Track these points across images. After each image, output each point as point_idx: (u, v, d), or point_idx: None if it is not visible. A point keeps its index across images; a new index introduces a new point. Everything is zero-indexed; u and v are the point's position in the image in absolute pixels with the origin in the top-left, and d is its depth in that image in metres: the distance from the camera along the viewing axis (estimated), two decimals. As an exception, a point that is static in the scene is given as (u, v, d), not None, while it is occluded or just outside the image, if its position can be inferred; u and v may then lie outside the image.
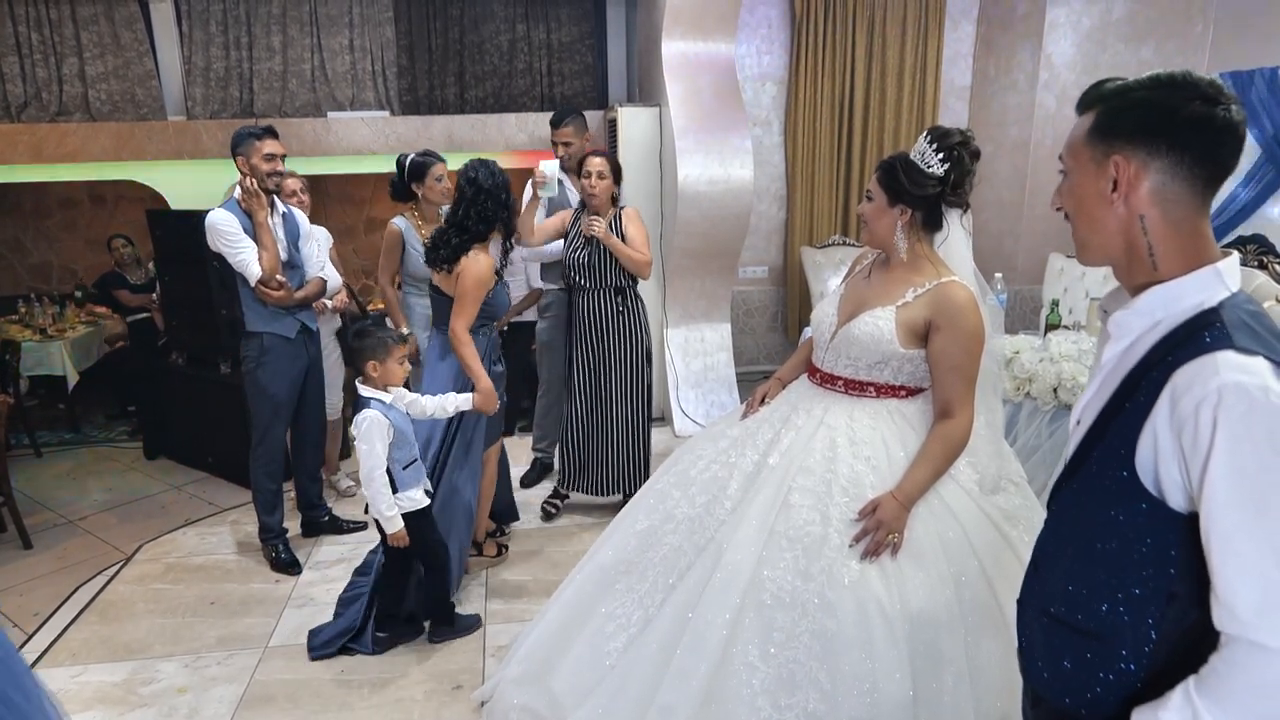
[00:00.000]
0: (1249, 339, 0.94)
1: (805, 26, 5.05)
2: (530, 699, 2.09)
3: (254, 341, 3.19)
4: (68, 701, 2.55)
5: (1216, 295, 1.00)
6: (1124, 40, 4.80)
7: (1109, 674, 1.03)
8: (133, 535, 3.68)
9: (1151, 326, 1.03)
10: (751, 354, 5.56)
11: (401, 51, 5.38)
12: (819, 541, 1.73)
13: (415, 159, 3.46)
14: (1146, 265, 1.04)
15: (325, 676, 2.64)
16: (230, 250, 3.06)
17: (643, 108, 4.68)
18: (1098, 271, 4.30)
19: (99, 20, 4.98)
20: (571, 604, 2.13)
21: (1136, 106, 1.02)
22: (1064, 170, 1.12)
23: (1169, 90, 1.00)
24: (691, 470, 2.04)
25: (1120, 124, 1.03)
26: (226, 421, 4.09)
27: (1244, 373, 0.91)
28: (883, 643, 1.63)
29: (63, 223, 6.71)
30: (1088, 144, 1.06)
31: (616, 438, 3.54)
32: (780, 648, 1.68)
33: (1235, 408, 0.90)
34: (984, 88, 5.34)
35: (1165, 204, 1.01)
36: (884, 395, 1.89)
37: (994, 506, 1.82)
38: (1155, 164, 1.00)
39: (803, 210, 5.33)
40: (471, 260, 2.77)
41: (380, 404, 2.53)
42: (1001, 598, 1.70)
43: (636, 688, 1.82)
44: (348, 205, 6.91)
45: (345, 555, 3.42)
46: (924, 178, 1.81)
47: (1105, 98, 1.06)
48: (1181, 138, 0.99)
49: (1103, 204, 1.05)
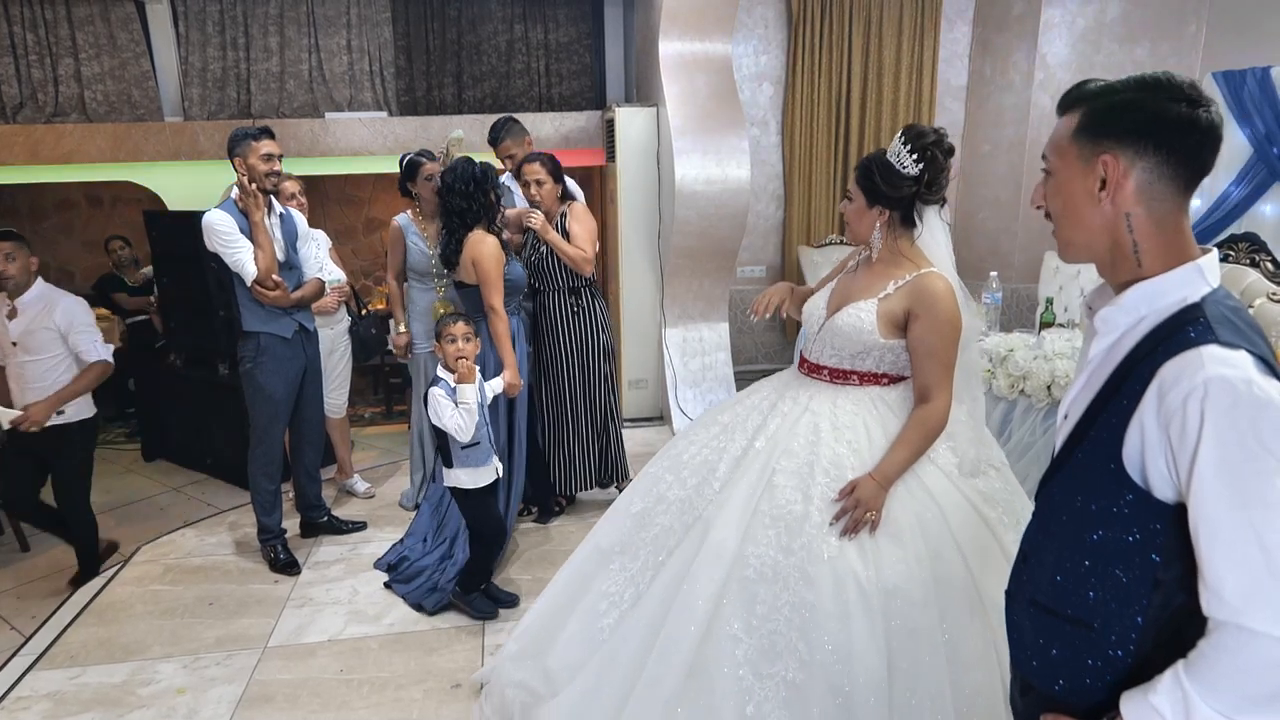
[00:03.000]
0: (1231, 333, 0.97)
1: (802, 26, 5.07)
2: (527, 675, 2.15)
3: (251, 342, 3.19)
4: (66, 703, 2.56)
5: (1199, 291, 1.03)
6: (1118, 41, 4.82)
7: (1097, 661, 1.06)
8: (131, 537, 3.69)
9: (1136, 322, 1.06)
10: (749, 353, 5.57)
11: (399, 52, 5.38)
12: (800, 519, 1.79)
13: (411, 159, 3.57)
14: (1131, 262, 1.07)
15: (324, 676, 2.65)
16: (226, 250, 3.06)
17: (640, 108, 4.69)
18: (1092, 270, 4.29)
19: (95, 21, 4.97)
20: (568, 584, 2.21)
21: (1124, 107, 1.04)
22: (1047, 169, 1.14)
23: (1154, 91, 1.02)
24: (684, 455, 2.11)
25: (1108, 123, 1.05)
26: (225, 423, 4.10)
27: (1228, 366, 0.93)
28: (859, 615, 1.69)
29: (59, 225, 6.70)
30: (1075, 142, 1.08)
31: (587, 435, 3.60)
32: (762, 620, 1.75)
33: (1221, 401, 0.92)
34: (980, 88, 5.36)
35: (1150, 202, 1.04)
36: (866, 383, 1.96)
37: (972, 489, 1.87)
38: (1141, 163, 1.03)
39: (800, 210, 5.35)
40: (476, 243, 3.03)
41: (445, 384, 2.73)
42: (977, 575, 1.76)
43: (626, 660, 1.89)
44: (346, 206, 6.91)
45: (344, 555, 3.43)
46: (899, 179, 1.88)
47: (1090, 98, 1.08)
48: (1167, 138, 1.01)
49: (1089, 202, 1.07)
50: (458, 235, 3.08)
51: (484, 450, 2.78)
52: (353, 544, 3.52)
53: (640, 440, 4.55)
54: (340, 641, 2.83)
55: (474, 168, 3.09)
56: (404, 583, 3.13)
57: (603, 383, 3.59)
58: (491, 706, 2.26)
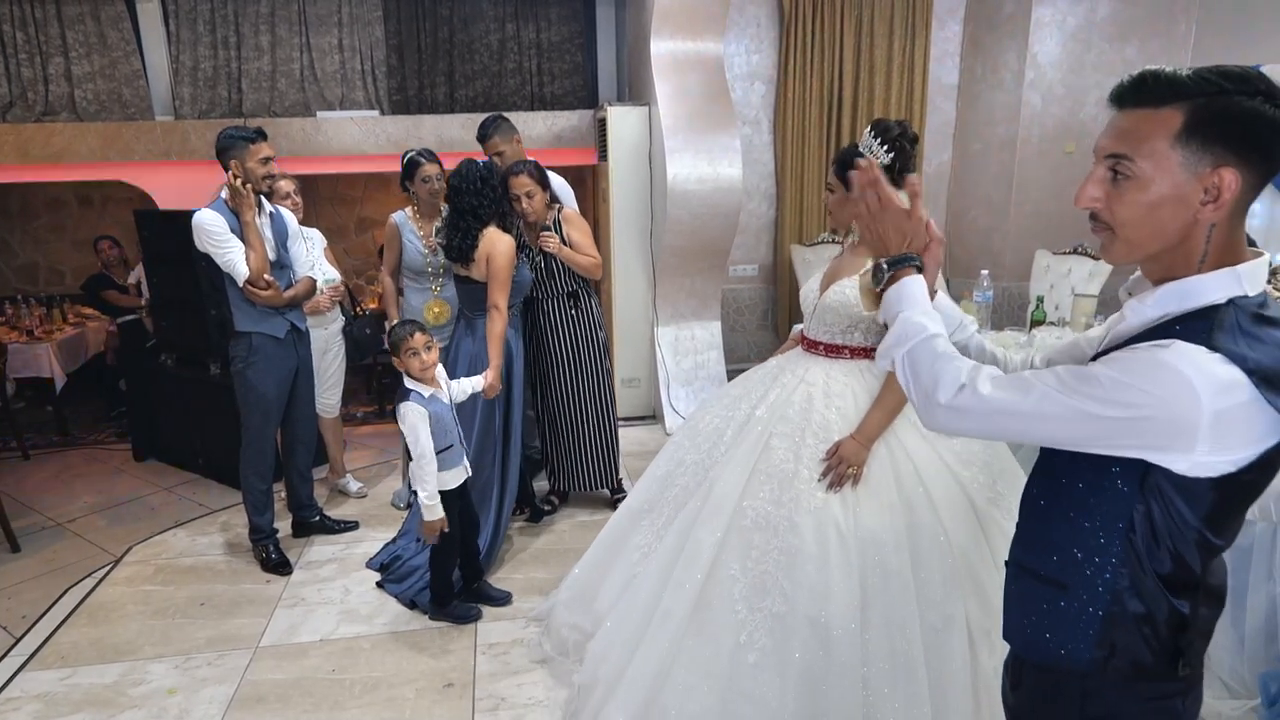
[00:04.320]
0: (1232, 340, 0.95)
1: (794, 26, 5.07)
2: (579, 618, 2.57)
3: (243, 341, 3.18)
4: (57, 704, 2.55)
5: (1228, 294, 1.00)
6: (1108, 39, 4.84)
7: (1079, 618, 1.09)
8: (122, 537, 3.67)
9: (1161, 316, 1.03)
10: (742, 352, 5.58)
11: (391, 51, 5.37)
12: (791, 476, 2.05)
13: (411, 157, 3.56)
14: (1193, 266, 1.02)
15: (317, 676, 2.65)
16: (218, 251, 3.05)
17: (632, 107, 4.69)
18: (1083, 269, 4.34)
19: (85, 19, 4.95)
20: (608, 540, 2.60)
21: (1243, 115, 0.95)
22: (1122, 171, 1.02)
23: (1253, 92, 0.95)
24: (700, 424, 2.42)
25: (1227, 131, 0.96)
26: (216, 423, 4.08)
27: (1191, 365, 0.94)
28: (837, 556, 1.95)
29: (50, 224, 6.68)
30: (1179, 148, 0.97)
31: (591, 433, 3.61)
32: (755, 562, 2.01)
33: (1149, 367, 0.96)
34: (971, 86, 5.38)
35: (1237, 213, 1.00)
36: (856, 356, 2.17)
37: (948, 449, 2.08)
38: (1247, 175, 0.97)
39: (792, 208, 5.36)
40: (493, 240, 3.08)
41: (419, 395, 2.70)
42: (948, 525, 1.98)
43: (645, 596, 2.20)
44: (339, 205, 6.90)
45: (336, 555, 3.43)
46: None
47: (1193, 94, 0.97)
48: (1274, 149, 0.96)
49: (1181, 210, 0.99)
50: (473, 231, 3.09)
51: (457, 452, 2.79)
52: (345, 544, 3.52)
53: (633, 439, 4.55)
54: (332, 641, 2.83)
55: (479, 167, 3.13)
56: (396, 582, 3.13)
57: (604, 378, 3.61)
58: (551, 643, 2.66)
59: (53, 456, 4.83)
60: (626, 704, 2.07)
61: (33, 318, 5.24)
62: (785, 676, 1.93)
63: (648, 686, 2.05)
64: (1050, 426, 1.02)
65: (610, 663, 2.22)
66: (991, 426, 1.07)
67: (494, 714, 2.44)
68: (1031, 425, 1.03)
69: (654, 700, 2.03)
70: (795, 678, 1.92)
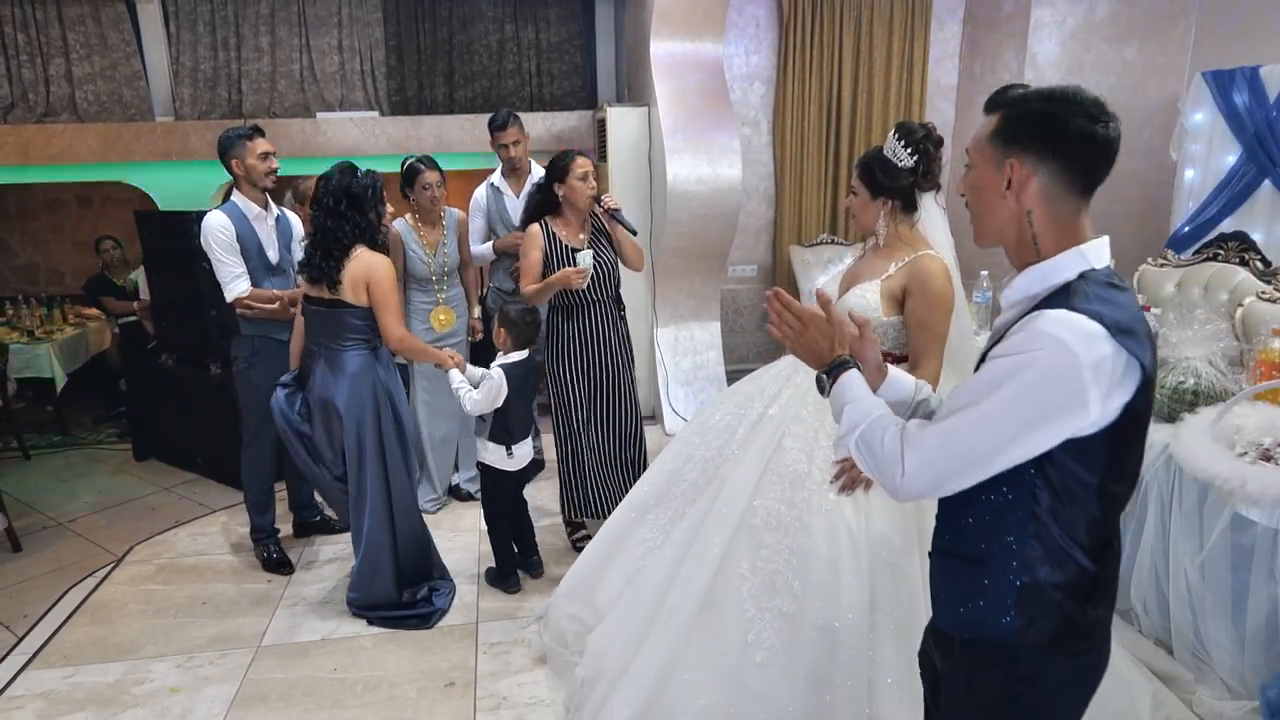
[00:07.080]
0: (1085, 302, 1.10)
1: (793, 26, 5.08)
2: (579, 610, 2.57)
3: (245, 343, 3.19)
4: (60, 703, 2.56)
5: (1077, 270, 1.16)
6: (1107, 40, 4.85)
7: (999, 591, 1.19)
8: (123, 537, 3.68)
9: (1028, 299, 1.19)
10: (741, 352, 5.59)
11: (390, 52, 5.38)
12: (803, 477, 2.05)
13: (411, 164, 3.50)
14: (1032, 250, 1.20)
15: (318, 675, 2.65)
16: (215, 264, 3.07)
17: (631, 107, 4.70)
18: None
19: (85, 21, 4.95)
20: (611, 533, 2.59)
21: (1034, 118, 1.15)
22: (969, 164, 1.26)
23: (1061, 104, 1.13)
24: (710, 420, 2.43)
25: (1018, 131, 1.16)
26: (217, 422, 4.09)
27: (1062, 324, 1.07)
28: (848, 559, 1.95)
29: (50, 224, 6.68)
30: (990, 144, 1.20)
31: (630, 444, 3.33)
32: (765, 561, 2.01)
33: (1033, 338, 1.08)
34: (970, 87, 5.38)
35: (1049, 203, 1.17)
36: None
37: None
38: (1043, 169, 1.15)
39: (791, 209, 5.36)
40: (369, 264, 2.63)
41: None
42: None
43: (651, 591, 2.21)
44: (337, 205, 6.89)
45: (337, 555, 3.43)
46: (897, 171, 2.11)
47: (1008, 105, 1.19)
48: (1067, 149, 1.13)
49: (997, 197, 1.20)
50: (335, 255, 2.63)
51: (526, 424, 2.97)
52: (346, 543, 3.51)
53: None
54: (333, 640, 2.84)
55: (352, 180, 2.65)
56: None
57: (635, 387, 3.39)
58: (550, 635, 2.65)
59: (53, 456, 4.83)
60: (631, 699, 2.07)
61: (33, 318, 5.24)
62: (792, 676, 1.94)
63: (653, 682, 2.05)
64: (988, 426, 1.11)
65: (613, 657, 2.23)
66: (950, 453, 1.14)
67: (495, 713, 2.45)
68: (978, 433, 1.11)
69: (659, 696, 2.03)
70: (802, 678, 1.93)
